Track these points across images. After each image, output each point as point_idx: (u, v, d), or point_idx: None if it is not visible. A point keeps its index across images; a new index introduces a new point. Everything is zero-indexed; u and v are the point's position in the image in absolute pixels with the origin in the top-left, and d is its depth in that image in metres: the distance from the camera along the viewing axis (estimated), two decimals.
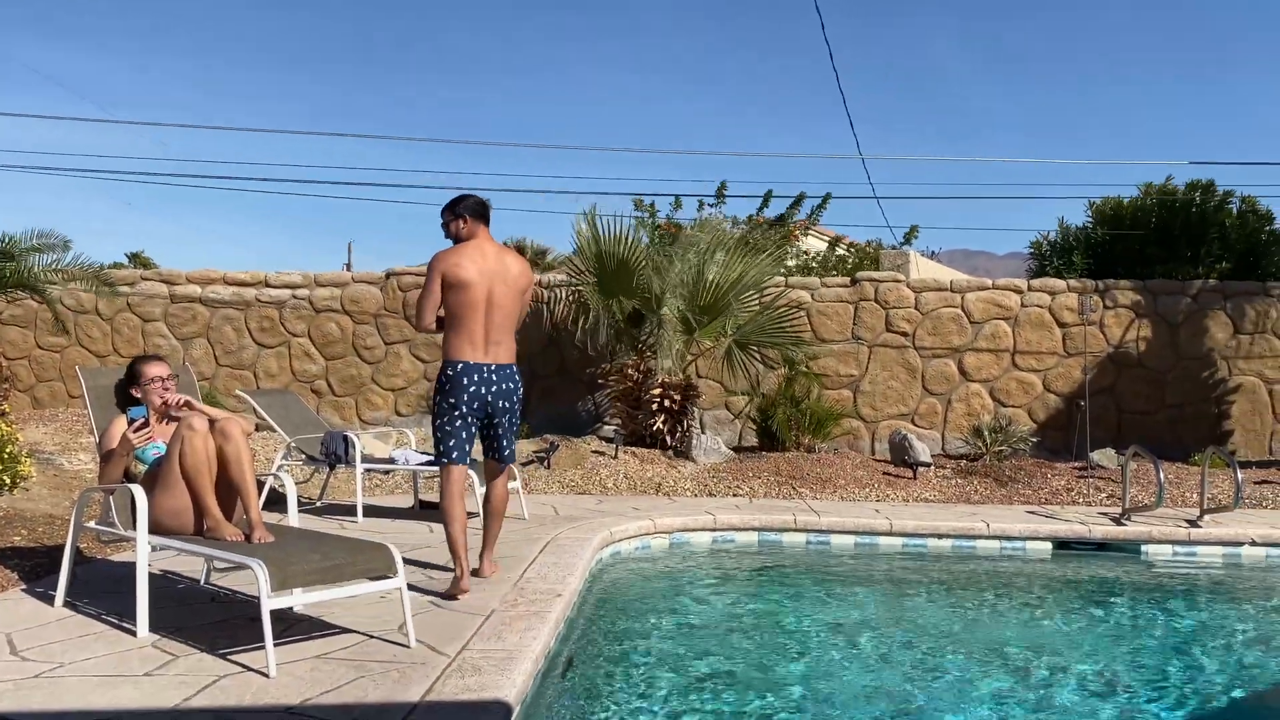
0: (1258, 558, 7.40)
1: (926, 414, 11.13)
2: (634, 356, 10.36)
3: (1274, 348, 10.91)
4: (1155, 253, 11.74)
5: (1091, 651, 5.25)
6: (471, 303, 4.93)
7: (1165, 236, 11.92)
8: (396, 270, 11.88)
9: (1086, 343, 10.95)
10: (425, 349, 11.64)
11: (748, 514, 7.72)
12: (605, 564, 6.53)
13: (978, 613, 6.03)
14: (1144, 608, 6.36)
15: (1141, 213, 12.30)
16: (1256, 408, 10.92)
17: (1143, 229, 12.04)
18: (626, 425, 10.24)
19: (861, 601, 6.19)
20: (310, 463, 7.56)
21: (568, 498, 8.44)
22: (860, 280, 11.42)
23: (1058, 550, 7.51)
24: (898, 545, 7.53)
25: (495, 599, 4.78)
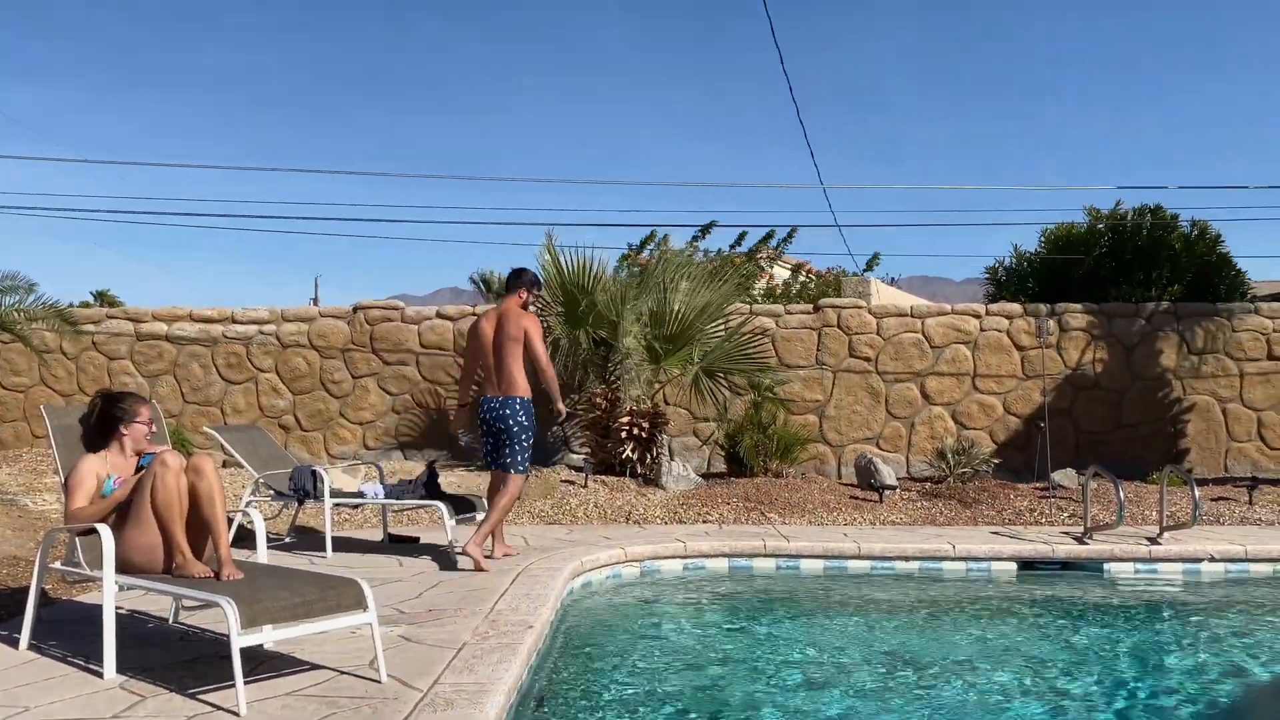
0: (1217, 573, 7.55)
1: (891, 437, 11.27)
2: (602, 385, 10.44)
3: (1226, 367, 11.17)
4: (1109, 276, 12.00)
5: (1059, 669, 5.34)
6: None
7: (1118, 260, 12.19)
8: (364, 304, 11.90)
9: (1044, 365, 11.16)
10: (393, 382, 11.65)
11: (717, 540, 7.78)
12: (577, 594, 6.56)
13: (946, 633, 6.12)
14: (1108, 625, 6.48)
15: (1094, 237, 12.58)
16: (1211, 426, 11.16)
17: (1095, 253, 12.31)
18: (595, 454, 10.29)
19: (833, 626, 6.26)
20: (279, 498, 7.54)
21: (538, 528, 8.46)
22: (823, 307, 11.58)
23: (1023, 570, 7.62)
24: (866, 568, 7.61)
25: (467, 631, 4.81)
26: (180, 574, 4.17)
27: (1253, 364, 11.17)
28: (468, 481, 9.61)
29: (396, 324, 11.77)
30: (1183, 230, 12.43)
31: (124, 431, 4.53)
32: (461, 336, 11.69)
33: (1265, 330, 11.21)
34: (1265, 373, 11.16)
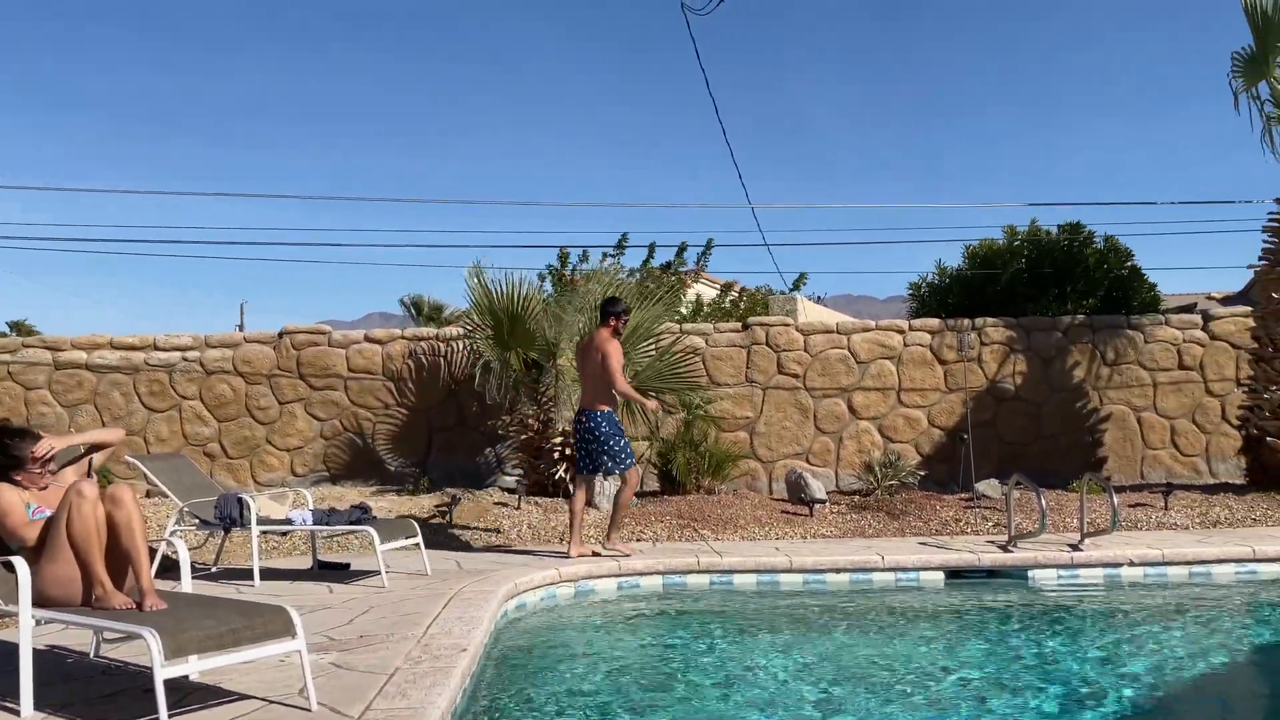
0: (1136, 577, 7.79)
1: (820, 452, 11.42)
2: (534, 407, 10.42)
3: (1139, 377, 11.55)
4: (1026, 291, 12.35)
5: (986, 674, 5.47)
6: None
7: (1035, 276, 12.55)
8: (290, 329, 11.74)
9: (966, 379, 11.43)
10: (321, 408, 11.50)
11: (651, 558, 7.81)
12: (511, 616, 6.53)
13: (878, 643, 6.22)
14: (1034, 630, 6.64)
15: (1012, 254, 12.93)
16: (1127, 434, 11.52)
17: (1013, 269, 12.66)
18: (529, 475, 10.26)
19: (766, 640, 6.32)
20: (204, 527, 7.39)
21: (471, 551, 8.40)
22: (752, 325, 11.72)
23: (950, 579, 7.78)
24: (798, 581, 7.71)
25: (399, 657, 4.77)
26: (100, 606, 4.07)
27: (1165, 374, 11.57)
28: (399, 507, 9.52)
29: (323, 348, 11.63)
30: (1096, 246, 12.84)
31: (16, 478, 4.35)
32: (390, 360, 11.60)
33: (1176, 341, 11.62)
34: (1177, 382, 11.57)
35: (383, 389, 11.55)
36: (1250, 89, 10.11)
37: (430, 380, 11.55)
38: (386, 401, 11.54)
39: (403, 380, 11.56)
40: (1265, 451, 10.08)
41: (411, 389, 11.55)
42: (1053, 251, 12.66)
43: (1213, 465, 11.47)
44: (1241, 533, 8.79)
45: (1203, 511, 9.42)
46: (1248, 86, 10.11)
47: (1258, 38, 9.98)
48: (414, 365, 11.58)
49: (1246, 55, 10.08)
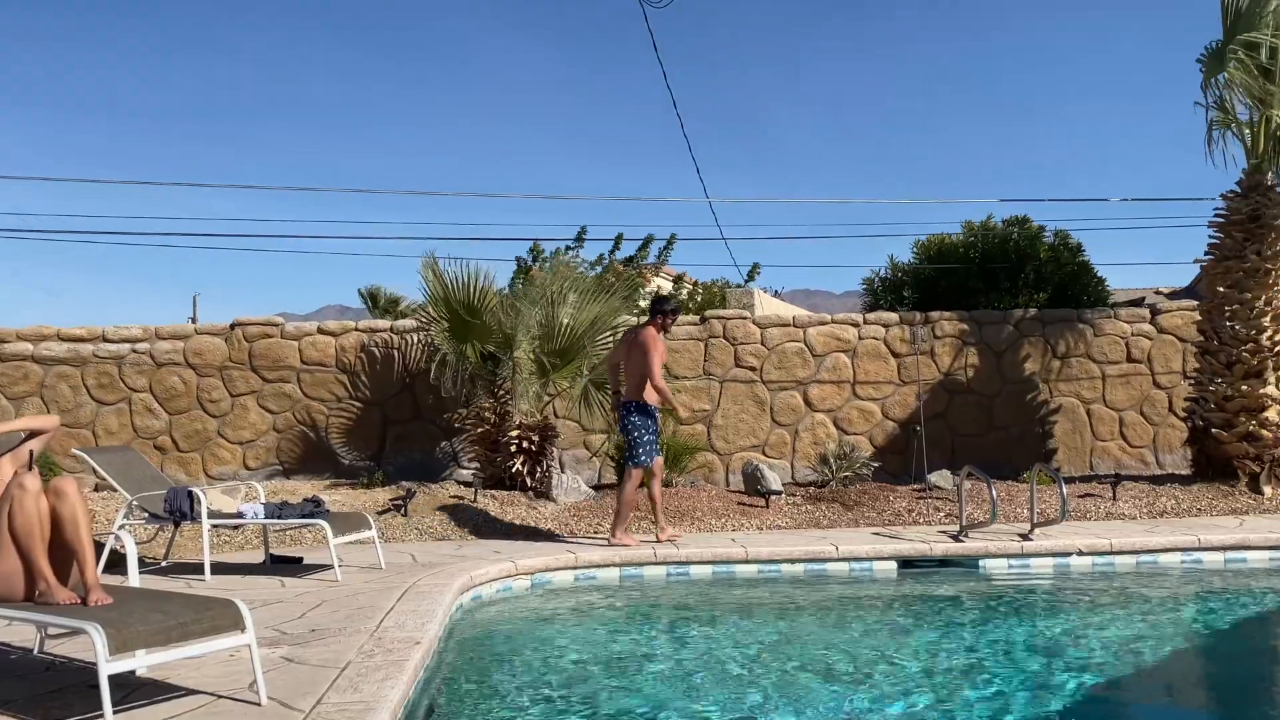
0: (1084, 566, 7.94)
1: (776, 444, 11.49)
2: (490, 400, 10.38)
3: (1089, 370, 11.74)
4: (978, 285, 12.49)
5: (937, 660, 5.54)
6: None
7: (987, 270, 12.70)
8: (242, 321, 11.59)
9: (919, 372, 11.55)
10: (273, 400, 11.37)
11: (608, 550, 7.83)
12: (466, 609, 6.51)
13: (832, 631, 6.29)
14: (983, 618, 6.74)
15: (964, 249, 13.08)
16: (1076, 426, 11.71)
17: (966, 264, 12.81)
18: (485, 468, 10.23)
19: (722, 630, 6.36)
20: (153, 521, 7.29)
21: (427, 544, 8.37)
22: (709, 318, 11.76)
23: (903, 569, 7.88)
24: (754, 572, 7.76)
25: (352, 650, 4.74)
26: (44, 601, 4.00)
27: (1114, 366, 11.77)
28: (353, 500, 9.45)
29: (276, 340, 11.49)
30: (1047, 241, 13.03)
31: None
32: (343, 353, 11.49)
33: (1124, 334, 11.82)
34: (1125, 375, 11.77)
35: (336, 382, 11.44)
36: (1209, 82, 10.29)
37: (385, 373, 11.46)
38: (341, 394, 11.43)
39: (357, 373, 11.46)
40: (1210, 443, 10.29)
41: (366, 382, 11.45)
42: (1004, 246, 12.83)
43: (1160, 456, 11.69)
44: (1187, 522, 8.98)
45: (1150, 502, 9.60)
46: (1208, 79, 10.28)
47: (1225, 32, 10.14)
48: (369, 358, 11.49)
49: (1213, 49, 10.26)
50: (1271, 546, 8.09)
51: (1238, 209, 10.35)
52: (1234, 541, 8.12)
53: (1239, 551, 8.06)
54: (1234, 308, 10.25)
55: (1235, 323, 10.21)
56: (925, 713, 4.60)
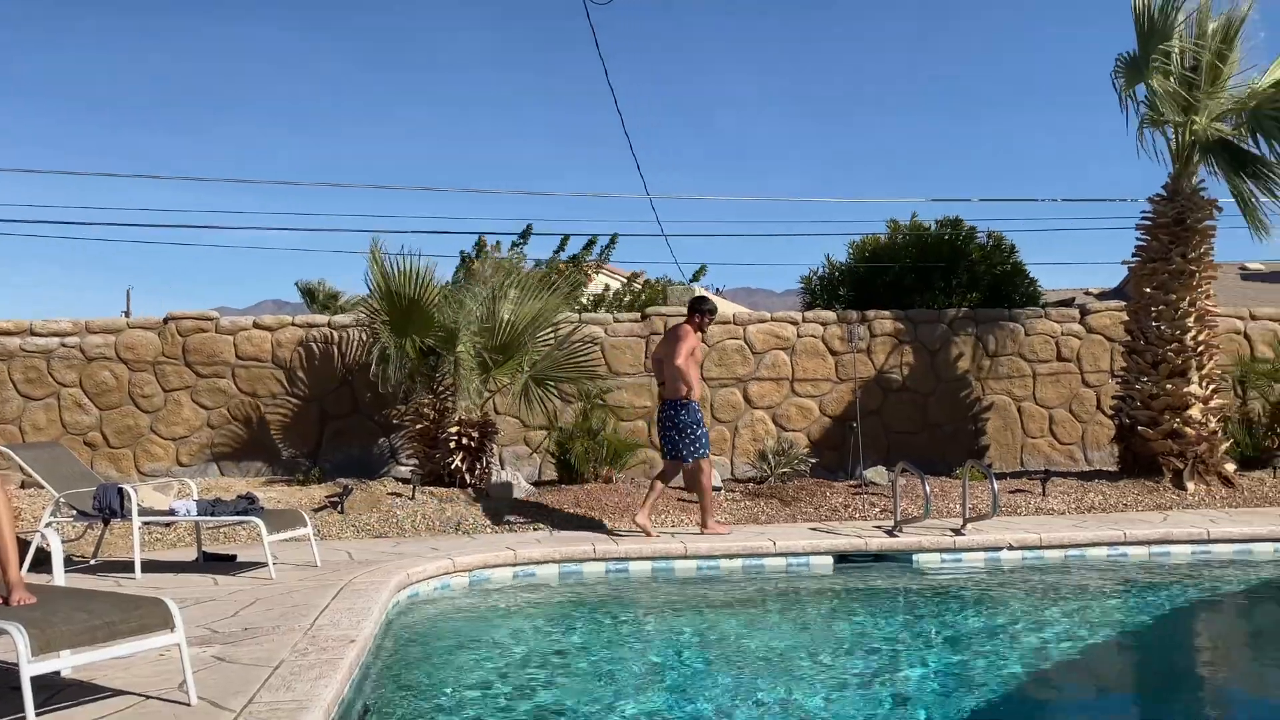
0: (1015, 560, 8.13)
1: (716, 441, 11.57)
2: (430, 395, 10.31)
3: (1020, 368, 12.00)
4: (913, 284, 12.69)
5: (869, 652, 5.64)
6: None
7: (921, 269, 12.91)
8: (176, 315, 11.37)
9: (856, 369, 11.71)
10: (208, 396, 11.18)
11: (548, 547, 7.83)
12: (403, 606, 6.49)
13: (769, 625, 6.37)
14: (916, 611, 6.88)
15: (898, 248, 13.29)
16: (1007, 423, 11.96)
17: (900, 263, 13.01)
18: (424, 465, 10.16)
19: (659, 626, 6.41)
20: (82, 518, 7.15)
21: (364, 542, 8.31)
22: (651, 315, 11.80)
23: (839, 563, 8.00)
24: (693, 568, 7.83)
25: (285, 649, 4.70)
26: None
27: (1044, 365, 12.04)
28: (289, 497, 9.34)
29: (211, 335, 11.30)
30: (980, 241, 13.27)
31: None
32: (280, 348, 11.33)
33: (1054, 334, 12.10)
34: (1055, 373, 12.05)
35: (273, 377, 11.28)
36: (1130, 90, 10.54)
37: (323, 368, 11.33)
38: (277, 390, 11.28)
39: (294, 368, 11.31)
40: (1136, 440, 10.57)
41: (303, 377, 11.31)
42: (938, 246, 13.05)
43: (1088, 453, 11.99)
44: (1114, 517, 9.23)
45: (1078, 497, 9.84)
46: (1128, 88, 10.52)
47: (1140, 41, 10.40)
48: (306, 353, 11.34)
49: (1128, 59, 10.50)
50: (1193, 541, 8.36)
51: (1164, 213, 10.63)
52: (1158, 536, 8.37)
53: (1163, 546, 8.31)
54: (1160, 308, 10.53)
55: (1161, 323, 10.49)
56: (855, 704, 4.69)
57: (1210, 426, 10.36)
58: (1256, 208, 10.36)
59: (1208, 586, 7.59)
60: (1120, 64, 10.50)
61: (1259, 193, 10.29)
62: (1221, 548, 8.33)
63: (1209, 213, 10.56)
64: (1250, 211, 10.40)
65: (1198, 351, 10.43)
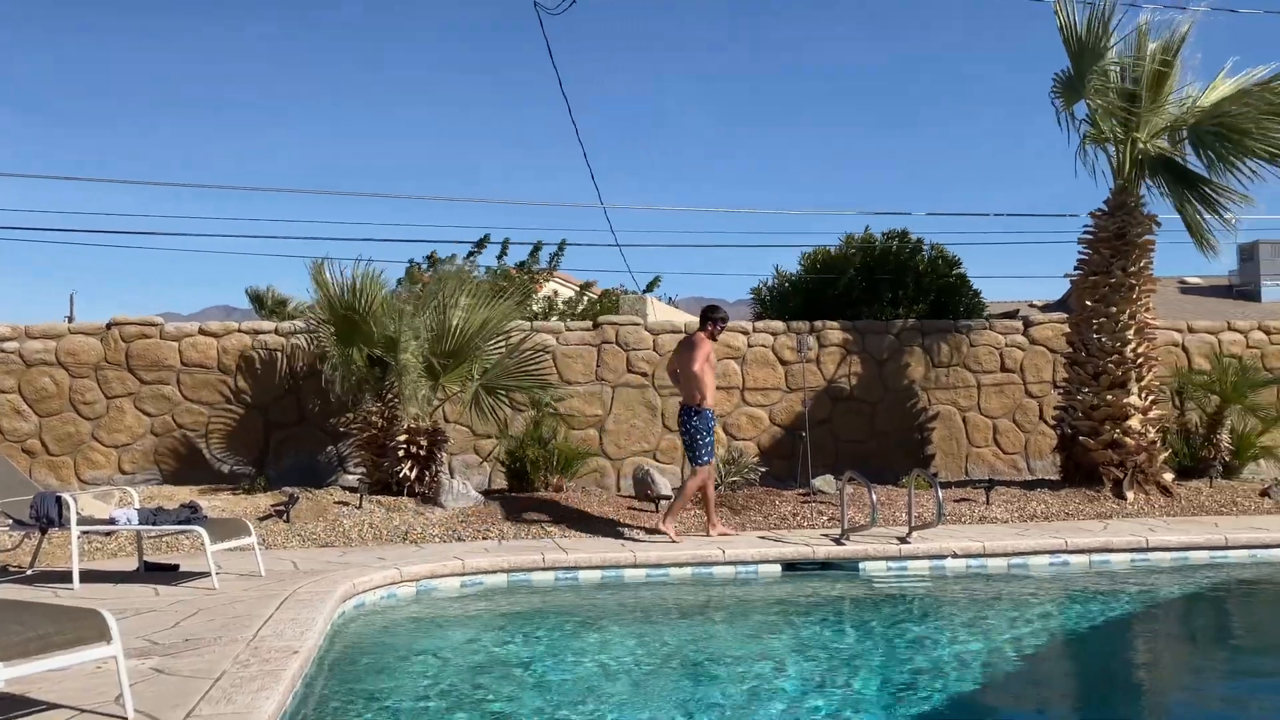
0: (959, 568, 8.23)
1: (668, 450, 11.61)
2: (378, 404, 10.23)
3: (965, 379, 12.19)
4: (861, 296, 12.86)
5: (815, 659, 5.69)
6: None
7: (869, 281, 13.08)
8: (119, 320, 11.18)
9: (806, 379, 11.82)
10: (151, 402, 11.00)
11: (497, 556, 7.80)
12: (349, 617, 6.43)
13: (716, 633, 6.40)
14: (862, 618, 6.95)
15: (847, 260, 13.45)
16: (953, 433, 12.14)
17: (848, 275, 13.16)
18: (372, 474, 10.08)
19: (605, 635, 6.41)
20: (18, 527, 6.99)
21: (309, 551, 8.21)
22: (602, 324, 11.82)
23: (786, 571, 8.05)
24: (642, 576, 7.84)
25: (227, 660, 4.64)
26: None
27: (988, 375, 12.24)
28: (234, 506, 9.21)
29: (155, 341, 11.12)
30: (926, 254, 13.48)
31: None
32: (226, 354, 11.19)
33: (998, 345, 12.31)
34: (999, 384, 12.25)
35: (219, 384, 11.13)
36: (1069, 109, 10.76)
37: (270, 376, 11.20)
38: (223, 397, 11.13)
39: (240, 375, 11.17)
40: (1078, 450, 10.78)
41: (250, 384, 11.17)
42: (885, 258, 13.23)
43: (1031, 462, 12.20)
44: (1055, 526, 9.39)
45: (1021, 506, 10.01)
46: (1067, 107, 10.75)
47: (1072, 60, 10.63)
48: (253, 360, 11.21)
49: (1064, 77, 10.72)
50: (1132, 549, 8.53)
51: (1105, 227, 10.86)
52: (1098, 545, 8.53)
53: (1103, 554, 8.47)
54: (1101, 321, 10.75)
55: (1102, 335, 10.71)
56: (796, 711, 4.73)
57: (1149, 437, 10.59)
58: (1203, 228, 10.57)
59: (1146, 594, 7.74)
60: (1058, 82, 10.71)
61: (1204, 212, 10.49)
62: (1159, 556, 8.50)
63: (1149, 227, 10.80)
64: (1198, 232, 10.60)
65: (1137, 363, 10.66)
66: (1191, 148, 10.54)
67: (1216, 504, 10.35)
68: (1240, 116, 10.07)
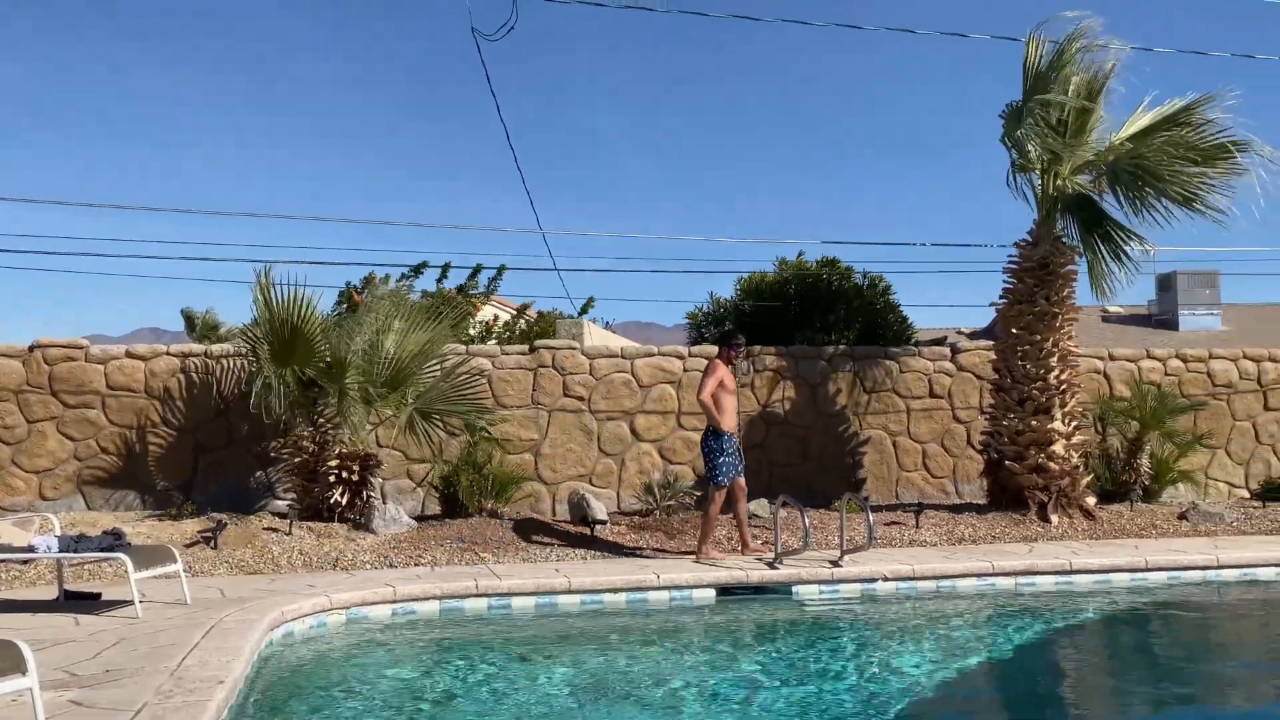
0: (890, 591, 8.35)
1: (603, 474, 11.63)
2: (310, 428, 10.11)
3: (895, 404, 12.40)
4: (794, 321, 13.05)
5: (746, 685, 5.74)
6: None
7: (802, 307, 13.28)
8: (42, 342, 10.89)
9: (740, 403, 11.92)
10: (76, 427, 10.73)
11: (429, 583, 7.73)
12: (276, 646, 6.33)
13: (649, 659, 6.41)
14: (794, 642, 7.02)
15: (780, 287, 13.64)
16: (884, 457, 12.33)
17: (782, 301, 13.35)
18: (302, 499, 9.94)
19: (537, 664, 6.39)
20: None
21: (237, 579, 8.07)
22: (539, 348, 11.82)
23: (721, 596, 8.10)
24: (576, 602, 7.82)
25: (149, 691, 4.54)
26: None
27: (918, 401, 12.47)
28: (160, 533, 9.01)
29: (80, 364, 10.86)
30: (857, 282, 13.72)
31: None
32: (154, 377, 10.95)
33: (927, 371, 12.56)
34: (928, 409, 12.49)
35: (146, 408, 10.90)
36: (1011, 138, 10.96)
37: (199, 399, 11.00)
38: (150, 421, 10.89)
39: (169, 399, 10.95)
40: (1004, 474, 11.02)
41: (178, 408, 10.96)
42: (817, 285, 13.44)
43: (959, 486, 12.44)
44: (983, 549, 9.57)
45: (949, 529, 10.19)
46: (1010, 134, 10.96)
47: (1025, 90, 10.91)
48: (181, 383, 11.00)
49: (1014, 107, 10.93)
50: (1057, 572, 8.73)
51: (1029, 256, 11.16)
52: (1023, 567, 8.72)
53: (1028, 576, 8.66)
54: (1025, 348, 11.03)
55: (1027, 362, 10.99)
56: None
57: (1072, 461, 10.87)
58: (1103, 271, 10.58)
59: (1071, 616, 7.93)
60: (1006, 111, 10.97)
61: (1108, 256, 10.56)
62: (1082, 578, 8.72)
63: (1070, 258, 11.11)
64: (1096, 275, 10.64)
65: (1060, 390, 10.95)
66: (1109, 186, 10.84)
67: (1137, 527, 10.64)
68: (1154, 158, 10.38)
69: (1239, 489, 13.10)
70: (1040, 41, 10.88)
